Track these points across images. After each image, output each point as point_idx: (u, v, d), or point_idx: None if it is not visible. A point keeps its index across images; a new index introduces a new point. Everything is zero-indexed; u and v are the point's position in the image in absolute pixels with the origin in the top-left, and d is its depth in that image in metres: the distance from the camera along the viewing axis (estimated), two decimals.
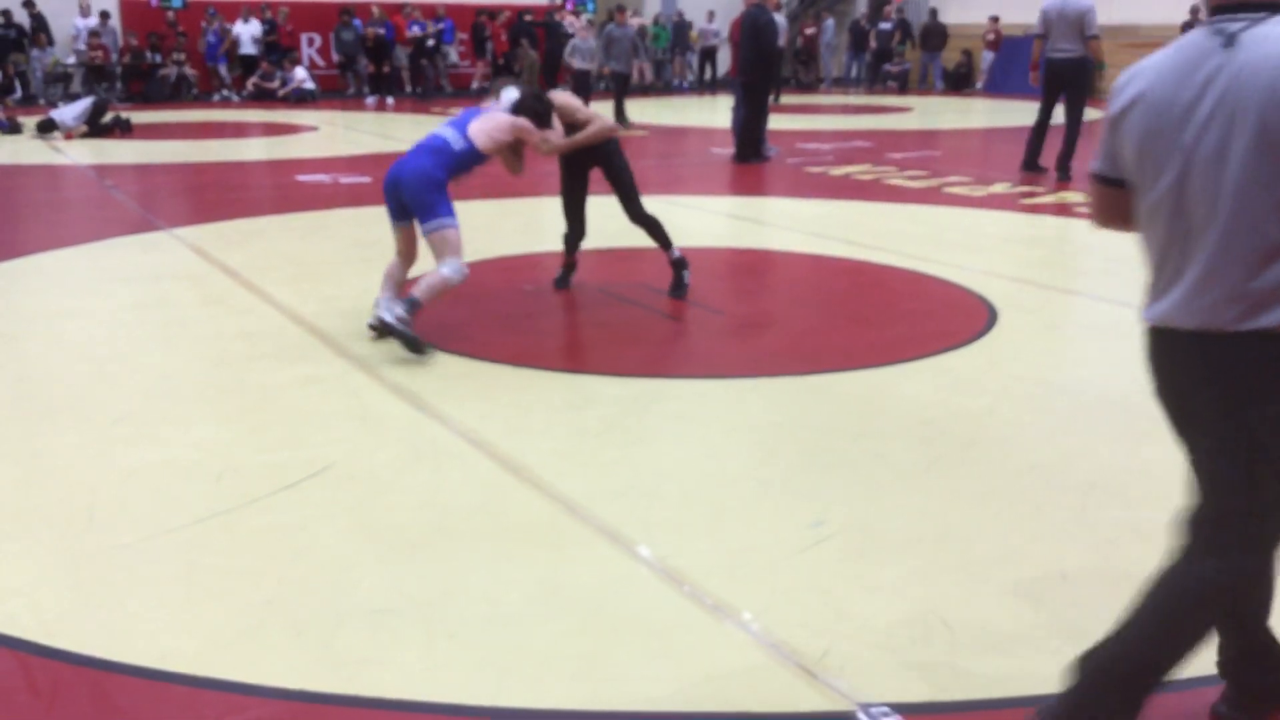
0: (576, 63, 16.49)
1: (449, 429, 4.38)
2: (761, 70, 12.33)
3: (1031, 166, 11.88)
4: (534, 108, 5.80)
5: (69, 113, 15.23)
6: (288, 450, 4.17)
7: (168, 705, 2.63)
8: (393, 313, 5.25)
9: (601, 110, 6.63)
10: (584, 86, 16.03)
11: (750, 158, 12.70)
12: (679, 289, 6.42)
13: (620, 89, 16.70)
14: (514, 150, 5.91)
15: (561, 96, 6.18)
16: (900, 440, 4.28)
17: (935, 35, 25.61)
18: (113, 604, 3.08)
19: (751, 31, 12.09)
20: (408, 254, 5.70)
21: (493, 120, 5.68)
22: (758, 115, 12.56)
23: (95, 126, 15.22)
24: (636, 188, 6.40)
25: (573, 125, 6.12)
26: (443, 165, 5.44)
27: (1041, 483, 3.87)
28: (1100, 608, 3.04)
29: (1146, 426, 4.43)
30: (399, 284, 5.64)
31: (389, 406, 4.67)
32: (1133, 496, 3.77)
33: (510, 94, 5.89)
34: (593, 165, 6.35)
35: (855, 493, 3.81)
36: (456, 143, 5.53)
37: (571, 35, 19.11)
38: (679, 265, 6.45)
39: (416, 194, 5.38)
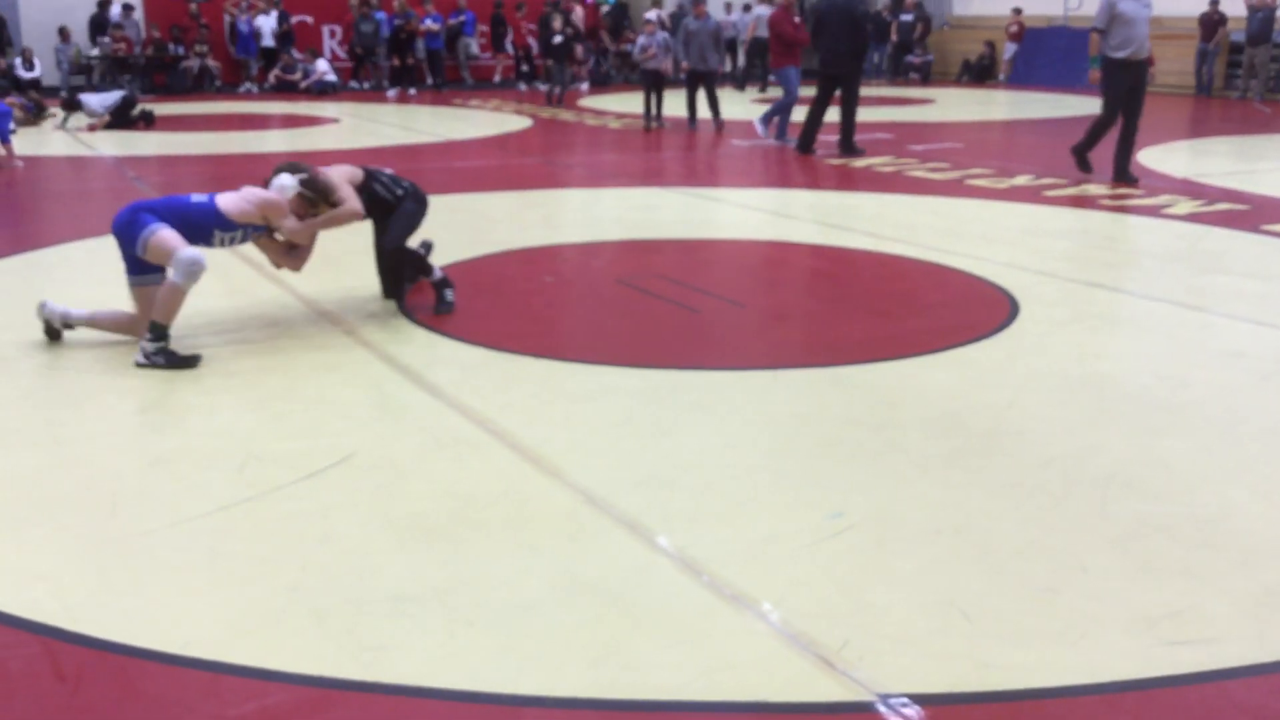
0: (650, 62, 15.27)
1: (469, 419, 4.40)
2: (857, 61, 12.37)
3: (1125, 175, 10.47)
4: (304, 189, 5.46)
5: (98, 101, 15.33)
6: (309, 439, 4.20)
7: (190, 691, 2.66)
8: (144, 354, 5.00)
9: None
10: (655, 86, 15.33)
11: (852, 151, 12.55)
12: (443, 306, 5.95)
13: (693, 87, 15.30)
14: (271, 236, 5.56)
15: (336, 175, 5.69)
16: (920, 432, 4.28)
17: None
18: (136, 590, 3.11)
19: (850, 22, 12.09)
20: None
21: (245, 192, 5.40)
22: (854, 104, 12.55)
23: (120, 119, 15.32)
24: (407, 235, 5.97)
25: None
26: (160, 207, 5.21)
27: (1061, 475, 3.86)
28: (1120, 601, 3.04)
29: (1167, 420, 4.42)
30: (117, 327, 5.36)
31: (409, 396, 4.69)
32: (1152, 490, 3.76)
33: (281, 180, 5.46)
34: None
35: (875, 484, 3.81)
36: (197, 198, 5.29)
37: (568, 28, 19.08)
38: (440, 285, 6.03)
39: (123, 225, 5.15)
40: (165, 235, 5.11)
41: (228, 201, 5.32)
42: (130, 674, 2.72)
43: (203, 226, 5.25)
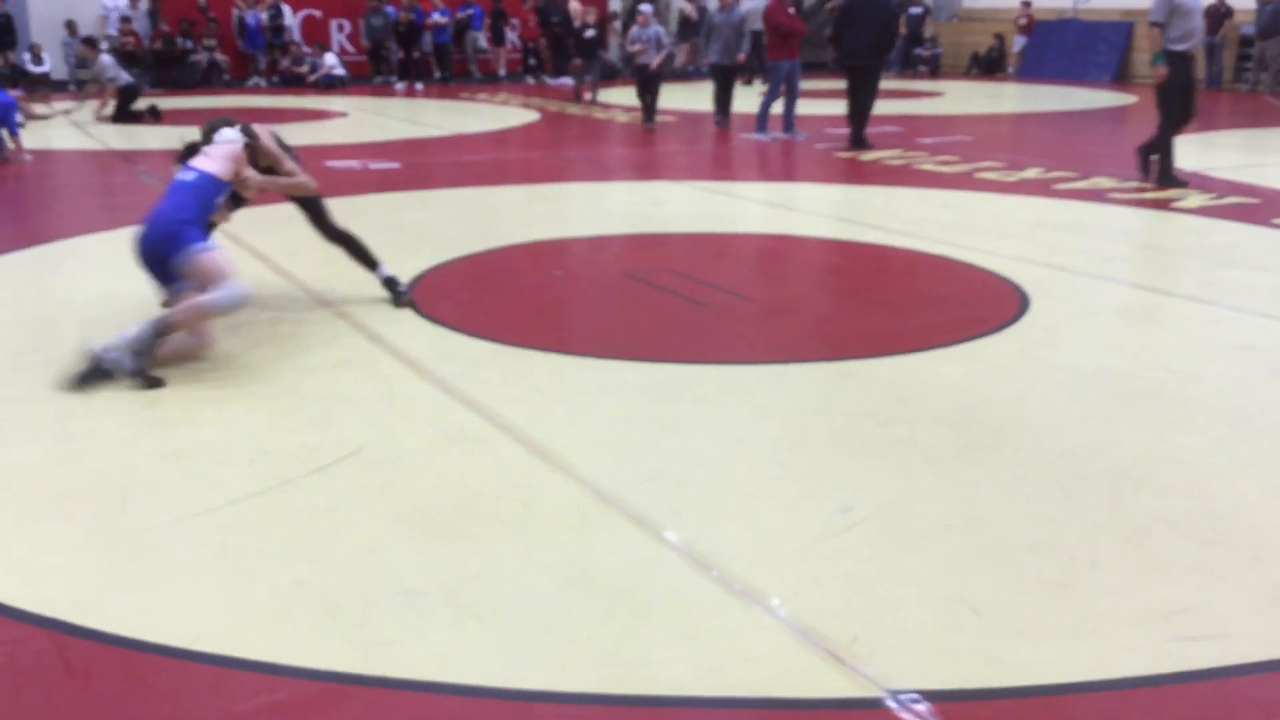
0: (641, 57, 14.70)
1: (477, 413, 4.39)
2: (883, 54, 12.42)
3: (1171, 178, 9.90)
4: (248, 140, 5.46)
5: (112, 65, 15.38)
6: (318, 433, 4.20)
7: (199, 685, 2.66)
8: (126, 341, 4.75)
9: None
10: (646, 82, 14.73)
11: (862, 144, 12.55)
12: (401, 298, 5.94)
13: (721, 82, 14.73)
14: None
15: (268, 140, 5.68)
16: (930, 426, 4.26)
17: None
18: (146, 584, 3.11)
19: (883, 14, 12.14)
20: None
21: (219, 150, 5.32)
22: (873, 97, 12.59)
23: (125, 114, 15.34)
24: (326, 207, 5.99)
25: (271, 170, 5.69)
26: (186, 205, 5.05)
27: (1072, 470, 3.85)
28: (1131, 596, 3.03)
29: (1178, 415, 4.40)
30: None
31: (418, 390, 4.69)
32: (1164, 485, 3.74)
33: (226, 133, 5.45)
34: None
35: (885, 479, 3.80)
36: (188, 177, 5.16)
37: (573, 20, 18.85)
38: (390, 283, 5.99)
39: (164, 239, 4.95)
40: (218, 258, 4.98)
41: (212, 165, 5.24)
42: (139, 668, 2.72)
43: (212, 198, 5.19)
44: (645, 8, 15.44)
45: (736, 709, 2.58)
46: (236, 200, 5.60)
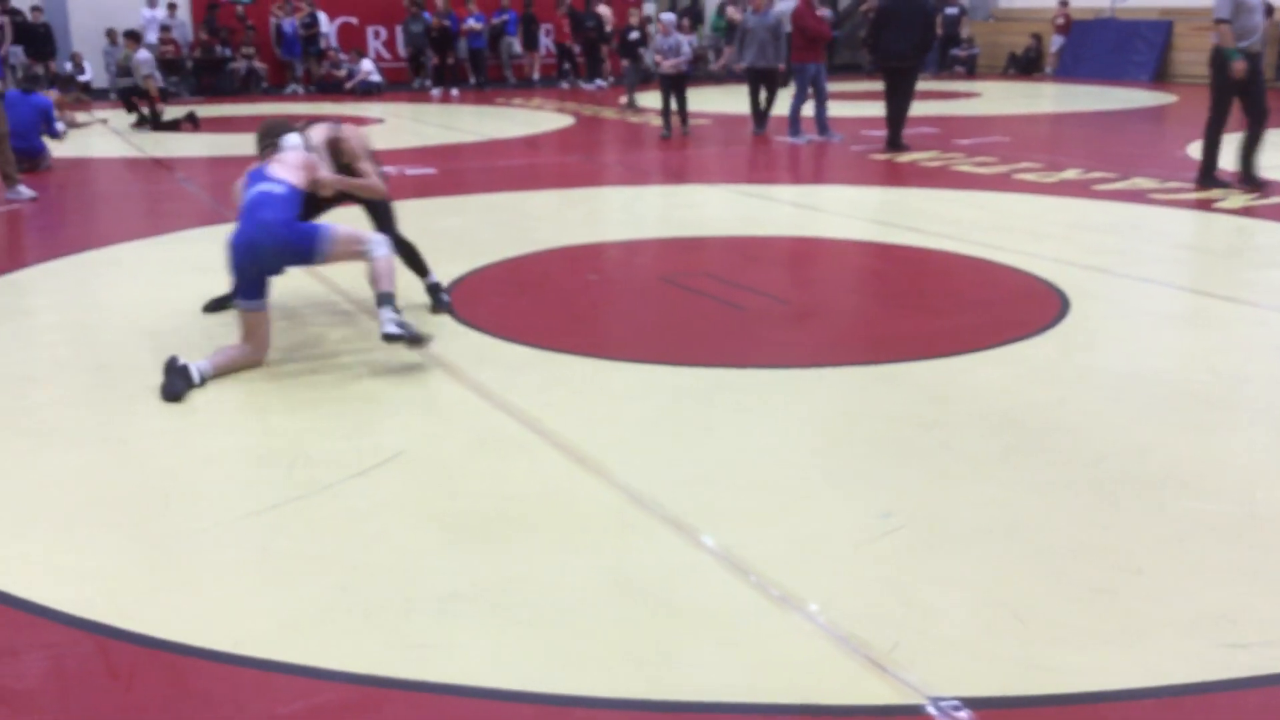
0: (664, 65, 14.02)
1: (515, 417, 4.40)
2: (921, 56, 12.37)
3: (1211, 178, 9.79)
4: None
5: (147, 60, 15.53)
6: (358, 438, 4.22)
7: (241, 688, 2.68)
8: (395, 324, 4.93)
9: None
10: (674, 89, 14.06)
11: (899, 146, 12.51)
12: (441, 305, 6.02)
13: (755, 86, 14.14)
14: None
15: (355, 142, 5.75)
16: (971, 430, 4.23)
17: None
18: (188, 588, 3.14)
19: (921, 16, 12.13)
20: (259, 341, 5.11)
21: (295, 158, 5.35)
22: (910, 99, 12.54)
23: (161, 121, 15.50)
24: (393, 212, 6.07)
25: (348, 170, 5.75)
26: (288, 210, 5.05)
27: (1115, 474, 3.81)
28: (1175, 603, 2.99)
29: (1222, 417, 4.34)
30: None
31: (455, 395, 4.70)
32: (1208, 489, 3.69)
33: (293, 140, 5.48)
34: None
35: (925, 483, 3.77)
36: (270, 188, 5.12)
37: (601, 25, 18.65)
38: (434, 289, 6.08)
39: (293, 243, 4.99)
40: (345, 228, 5.15)
41: (292, 176, 5.23)
42: (181, 672, 2.74)
43: (299, 207, 5.18)
44: (667, 16, 14.87)
45: (775, 715, 2.57)
46: (317, 203, 5.65)
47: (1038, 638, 2.83)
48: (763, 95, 14.21)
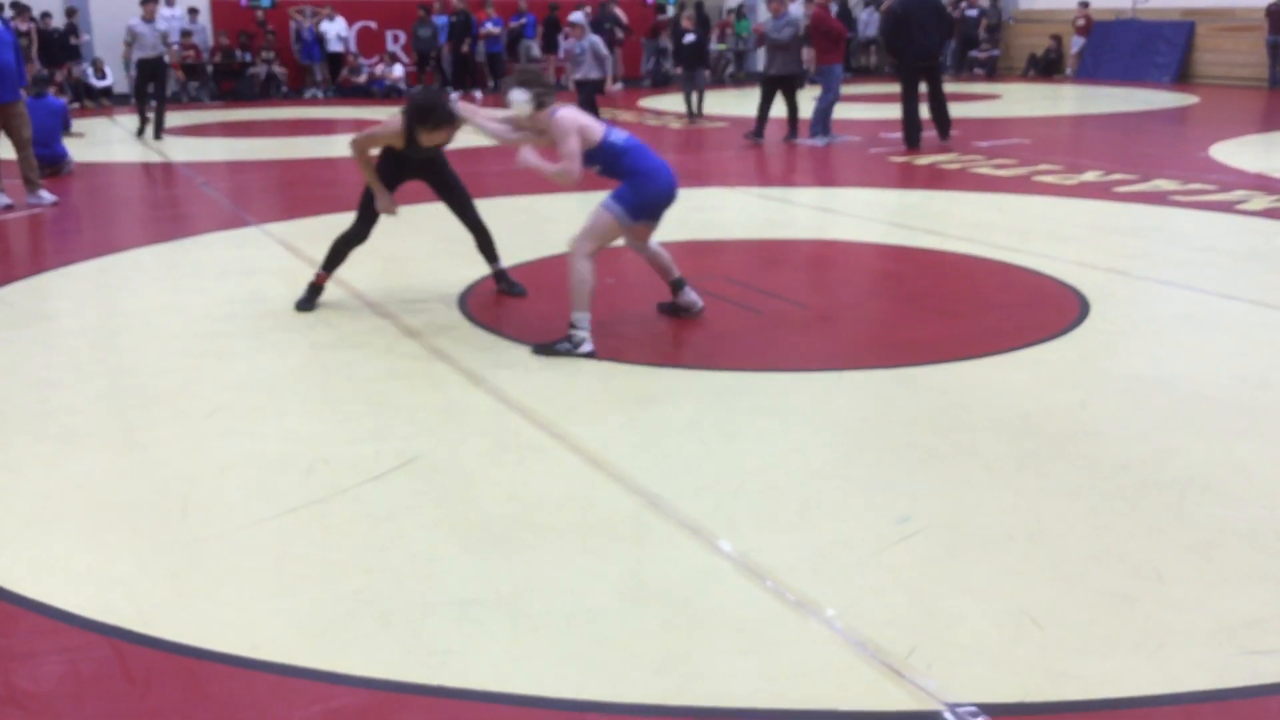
0: (577, 72, 13.08)
1: (532, 422, 4.40)
2: (939, 52, 12.59)
3: None
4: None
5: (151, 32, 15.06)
6: (375, 442, 4.22)
7: (258, 693, 2.68)
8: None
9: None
10: (587, 101, 12.99)
11: (916, 143, 12.72)
12: (514, 289, 6.48)
13: (767, 93, 13.41)
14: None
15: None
16: (990, 435, 4.21)
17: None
18: (206, 593, 3.15)
19: (937, 14, 12.37)
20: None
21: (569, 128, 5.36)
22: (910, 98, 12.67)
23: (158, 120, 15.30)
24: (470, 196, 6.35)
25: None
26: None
27: (1136, 479, 3.78)
28: (1197, 610, 2.97)
29: (1244, 422, 4.31)
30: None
31: (473, 400, 4.71)
32: (1231, 494, 3.66)
33: (517, 94, 5.38)
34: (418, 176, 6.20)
35: (944, 488, 3.75)
36: (620, 138, 5.42)
37: (620, 25, 17.80)
38: (502, 276, 6.51)
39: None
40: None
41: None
42: (199, 676, 2.75)
43: None
44: (578, 16, 13.68)
45: None
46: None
47: (1057, 644, 2.81)
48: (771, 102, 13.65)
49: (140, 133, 15.07)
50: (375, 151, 5.94)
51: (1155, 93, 20.42)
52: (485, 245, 6.47)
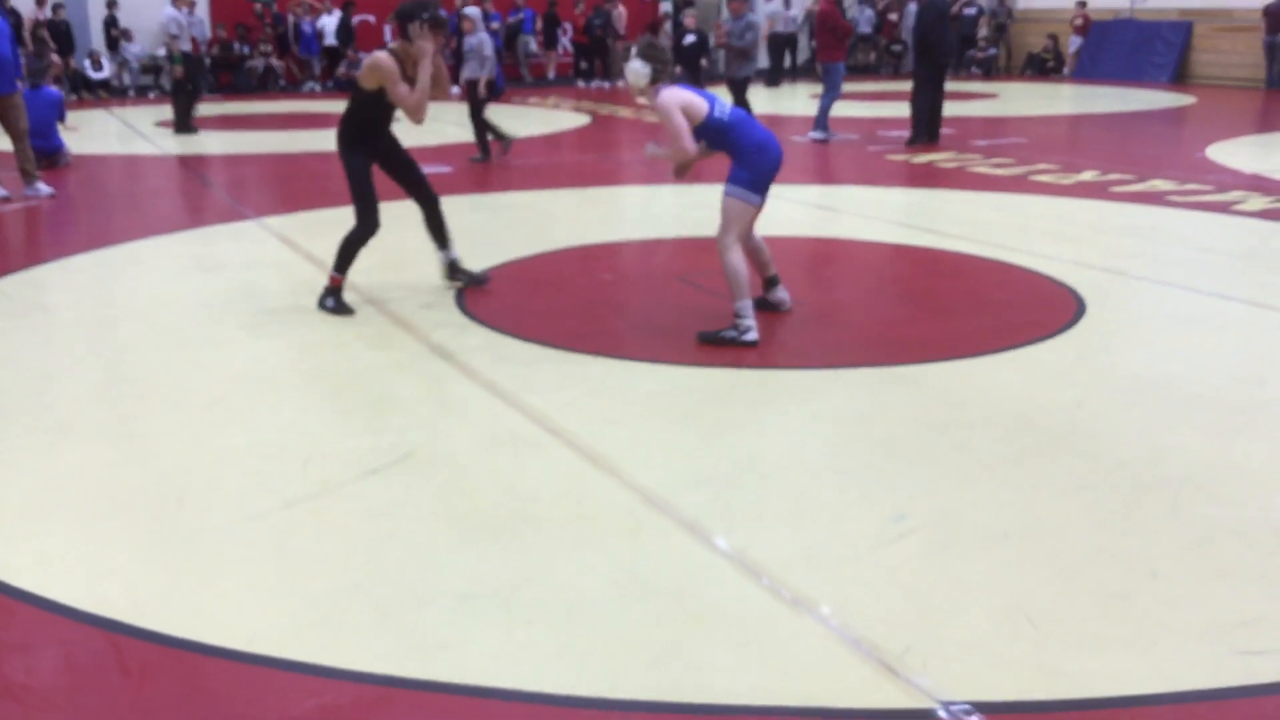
0: (464, 71, 11.87)
1: (528, 417, 4.40)
2: (929, 55, 12.71)
3: None
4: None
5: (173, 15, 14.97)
6: (372, 436, 4.22)
7: (254, 687, 2.68)
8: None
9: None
10: (471, 99, 11.81)
11: (927, 139, 12.90)
12: (474, 279, 6.44)
13: (738, 96, 12.75)
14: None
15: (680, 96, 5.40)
16: (986, 433, 4.21)
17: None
18: (203, 586, 3.15)
19: (937, 19, 12.51)
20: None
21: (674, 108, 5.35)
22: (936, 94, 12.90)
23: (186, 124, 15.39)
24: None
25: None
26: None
27: (1132, 478, 3.78)
28: (1192, 608, 2.97)
29: (1240, 421, 4.31)
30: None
31: (469, 394, 4.71)
32: (1226, 493, 3.67)
33: (636, 65, 5.35)
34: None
35: (939, 485, 3.76)
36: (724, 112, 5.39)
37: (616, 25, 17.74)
38: (455, 266, 6.45)
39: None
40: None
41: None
42: (195, 669, 2.75)
43: None
44: (472, 11, 12.20)
45: (786, 718, 2.56)
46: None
47: (1052, 642, 2.81)
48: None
49: (186, 128, 14.73)
50: (407, 90, 5.73)
51: (1153, 93, 20.44)
52: (437, 225, 6.38)
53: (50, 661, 2.78)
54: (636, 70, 5.32)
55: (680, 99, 5.31)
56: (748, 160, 5.31)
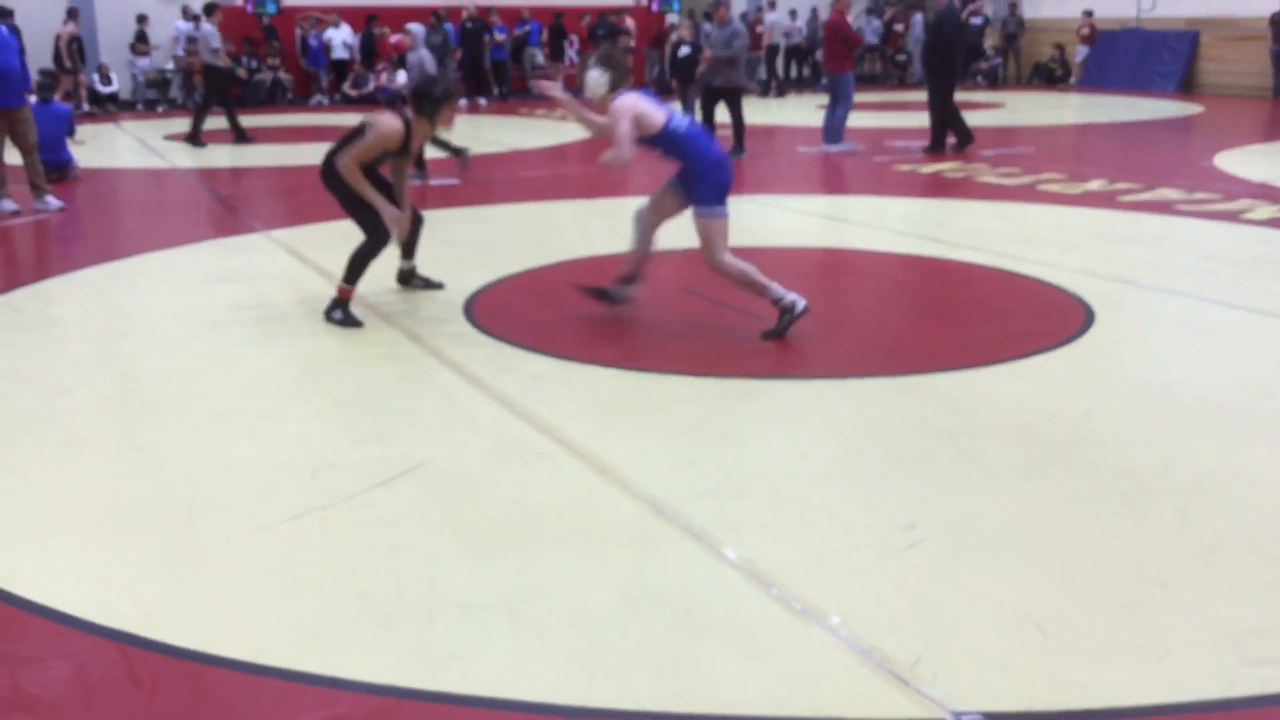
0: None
1: (536, 428, 4.40)
2: (950, 63, 12.86)
3: None
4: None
5: (212, 34, 15.13)
6: (380, 447, 4.23)
7: (263, 698, 2.68)
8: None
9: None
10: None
11: (963, 143, 13.11)
12: (431, 284, 6.66)
13: (707, 104, 12.75)
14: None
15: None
16: (995, 442, 4.21)
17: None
18: (211, 597, 3.15)
19: (937, 28, 12.73)
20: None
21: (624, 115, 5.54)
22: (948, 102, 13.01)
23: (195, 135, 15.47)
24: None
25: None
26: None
27: (1141, 486, 3.78)
28: (1201, 617, 2.96)
29: (1248, 430, 4.30)
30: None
31: (477, 405, 4.71)
32: (1235, 501, 3.66)
33: (595, 74, 5.60)
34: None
35: (948, 495, 3.75)
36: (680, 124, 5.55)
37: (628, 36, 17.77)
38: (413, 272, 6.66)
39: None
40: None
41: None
42: (204, 681, 2.75)
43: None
44: (412, 26, 12.38)
45: None
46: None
47: (1062, 651, 2.81)
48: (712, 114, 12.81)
49: (242, 137, 15.02)
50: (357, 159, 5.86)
51: (1159, 102, 20.43)
52: (413, 239, 6.54)
53: (60, 673, 2.79)
54: (595, 79, 5.49)
55: (635, 107, 5.44)
56: (709, 176, 5.44)
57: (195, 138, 14.71)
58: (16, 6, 13.79)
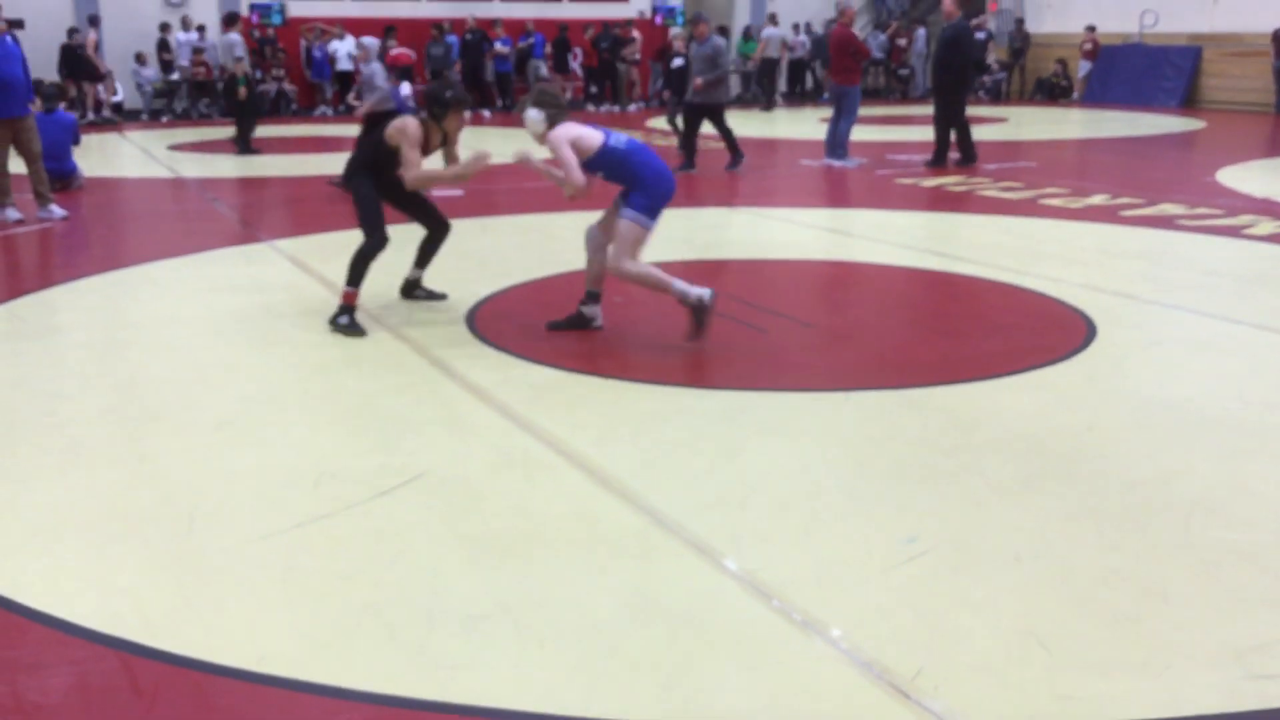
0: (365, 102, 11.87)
1: (539, 439, 4.41)
2: (960, 78, 12.95)
3: None
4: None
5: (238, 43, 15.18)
6: (383, 456, 4.23)
7: (265, 707, 2.68)
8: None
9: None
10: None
11: (944, 163, 13.16)
12: (434, 296, 6.71)
13: (690, 122, 12.67)
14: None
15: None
16: (997, 455, 4.21)
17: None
18: (213, 606, 3.15)
19: (952, 44, 12.78)
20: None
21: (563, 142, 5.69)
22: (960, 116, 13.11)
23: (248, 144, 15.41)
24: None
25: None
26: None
27: (1142, 501, 3.78)
28: (1203, 632, 2.96)
29: (1251, 444, 4.30)
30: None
31: (480, 415, 4.72)
32: (1237, 516, 3.66)
33: (532, 114, 5.73)
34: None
35: (950, 508, 3.75)
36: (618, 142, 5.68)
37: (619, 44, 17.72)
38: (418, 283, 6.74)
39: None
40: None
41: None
42: (206, 690, 2.75)
43: None
44: (366, 40, 12.28)
45: None
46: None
47: (1064, 665, 2.81)
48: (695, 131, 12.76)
49: (247, 149, 15.12)
50: (418, 159, 6.06)
51: (1162, 117, 20.46)
52: (432, 250, 6.64)
53: (62, 681, 2.79)
54: (533, 118, 5.66)
55: (570, 134, 5.61)
56: (647, 187, 5.55)
57: (245, 145, 14.84)
58: (21, 16, 13.84)
